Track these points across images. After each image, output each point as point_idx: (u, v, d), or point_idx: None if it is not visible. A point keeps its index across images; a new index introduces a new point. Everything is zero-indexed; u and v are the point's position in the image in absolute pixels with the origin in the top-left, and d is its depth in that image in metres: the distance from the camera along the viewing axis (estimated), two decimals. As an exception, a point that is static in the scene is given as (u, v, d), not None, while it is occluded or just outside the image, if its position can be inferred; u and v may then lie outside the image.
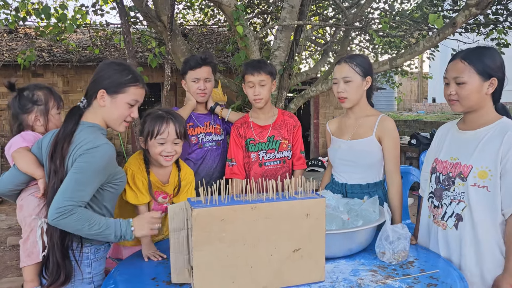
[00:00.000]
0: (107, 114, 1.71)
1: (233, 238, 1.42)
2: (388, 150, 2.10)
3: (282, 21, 4.75)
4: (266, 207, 1.45)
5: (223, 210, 1.40)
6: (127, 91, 1.70)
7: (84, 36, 8.79)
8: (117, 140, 8.65)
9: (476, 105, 1.69)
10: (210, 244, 1.40)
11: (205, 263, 1.40)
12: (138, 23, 5.85)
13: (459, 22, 3.86)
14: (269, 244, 1.47)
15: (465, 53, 1.70)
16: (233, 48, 6.15)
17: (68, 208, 1.49)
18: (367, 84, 2.14)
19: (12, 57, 7.53)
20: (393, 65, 4.57)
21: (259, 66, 2.35)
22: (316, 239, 1.53)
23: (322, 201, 1.53)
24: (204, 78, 2.50)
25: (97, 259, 1.73)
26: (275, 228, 1.47)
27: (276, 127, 2.44)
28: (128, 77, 1.70)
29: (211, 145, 2.59)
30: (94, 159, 1.57)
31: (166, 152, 1.92)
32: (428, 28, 6.38)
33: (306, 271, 1.53)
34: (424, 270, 1.63)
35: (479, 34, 6.20)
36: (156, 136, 1.90)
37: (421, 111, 16.10)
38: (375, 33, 5.17)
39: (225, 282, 1.43)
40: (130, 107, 1.72)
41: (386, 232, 1.72)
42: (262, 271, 1.47)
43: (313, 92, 5.04)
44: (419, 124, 11.38)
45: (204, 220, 1.38)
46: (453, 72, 1.70)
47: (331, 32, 7.75)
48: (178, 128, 1.94)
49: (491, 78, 1.65)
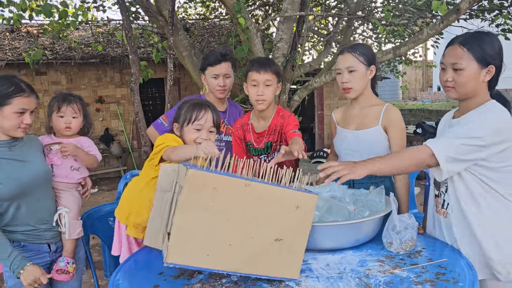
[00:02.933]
0: (1, 125, 1.82)
1: (220, 210, 1.37)
2: (395, 139, 2.08)
3: (284, 12, 4.71)
4: (260, 187, 1.42)
5: (218, 178, 1.36)
6: (11, 102, 1.79)
7: (86, 33, 8.80)
8: (122, 136, 8.68)
9: (471, 92, 1.66)
10: (195, 210, 1.34)
11: (185, 229, 1.35)
12: (140, 18, 5.84)
13: (463, 8, 3.81)
14: (253, 226, 1.43)
15: (464, 38, 1.66)
16: (236, 41, 6.13)
17: None
18: (371, 73, 2.12)
19: (15, 56, 7.55)
20: (396, 54, 4.53)
21: (266, 63, 2.21)
22: (300, 234, 1.50)
23: (314, 197, 1.50)
24: (224, 74, 2.46)
25: None
26: (263, 211, 1.43)
27: (271, 132, 2.33)
28: (11, 89, 1.79)
29: (219, 145, 2.54)
30: None
31: (201, 139, 1.92)
32: (432, 16, 6.31)
33: (282, 265, 1.49)
34: (432, 259, 1.62)
35: (484, 20, 6.13)
36: (194, 122, 1.92)
37: (426, 99, 16.02)
38: (378, 22, 5.13)
39: (199, 253, 1.38)
40: (19, 115, 1.81)
41: (393, 222, 1.71)
42: (239, 252, 1.42)
43: (317, 83, 5.01)
44: (424, 113, 11.33)
45: (197, 183, 1.33)
46: (451, 57, 1.66)
47: (333, 22, 7.68)
48: (215, 117, 1.97)
49: (489, 66, 1.62)
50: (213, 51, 2.52)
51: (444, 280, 1.44)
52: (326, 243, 1.71)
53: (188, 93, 8.71)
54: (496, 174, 1.63)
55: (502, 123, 1.58)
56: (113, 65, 8.22)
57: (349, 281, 1.47)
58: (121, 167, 8.50)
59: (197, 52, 5.18)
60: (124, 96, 8.64)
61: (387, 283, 1.43)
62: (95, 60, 7.86)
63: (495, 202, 1.65)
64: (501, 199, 1.65)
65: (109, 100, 8.59)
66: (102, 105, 8.54)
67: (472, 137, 1.56)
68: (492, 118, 1.59)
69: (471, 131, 1.57)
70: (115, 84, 8.59)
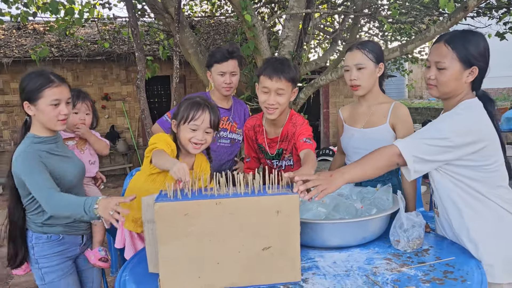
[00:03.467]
0: (39, 120, 1.83)
1: (200, 233, 1.39)
2: (403, 137, 2.05)
3: (290, 10, 4.70)
4: (231, 202, 1.40)
5: (186, 204, 1.38)
6: (44, 95, 1.78)
7: (92, 31, 8.82)
8: (127, 134, 8.70)
9: (452, 92, 1.65)
10: (176, 239, 1.38)
11: (171, 257, 1.39)
12: (146, 15, 5.84)
13: (471, 5, 3.78)
14: (236, 241, 1.42)
15: (450, 37, 1.64)
16: (241, 39, 6.12)
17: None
18: (379, 71, 2.10)
19: (22, 53, 7.59)
20: (403, 51, 4.50)
21: (280, 69, 1.97)
22: (289, 237, 1.45)
23: (295, 197, 1.44)
24: (230, 71, 2.44)
25: (39, 245, 1.89)
26: (242, 224, 1.41)
27: (283, 139, 2.23)
28: (40, 82, 1.78)
29: (224, 142, 2.54)
30: (20, 165, 1.75)
31: (196, 139, 1.91)
32: (439, 13, 6.27)
33: (279, 270, 1.47)
34: (439, 257, 1.61)
35: (491, 18, 6.08)
36: (190, 122, 1.89)
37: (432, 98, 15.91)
38: (384, 20, 5.10)
39: (191, 277, 1.41)
40: (55, 107, 1.80)
41: (400, 220, 1.70)
42: (230, 268, 1.43)
43: (323, 81, 4.99)
44: (430, 111, 11.27)
45: (168, 214, 1.37)
46: (435, 56, 1.65)
47: (339, 20, 7.65)
48: (212, 118, 1.92)
49: (472, 67, 1.60)
50: (220, 48, 2.50)
51: (452, 279, 1.43)
52: (333, 240, 1.70)
53: (194, 90, 8.72)
54: (477, 173, 1.61)
55: (471, 124, 1.56)
56: (119, 63, 8.24)
57: (356, 279, 1.47)
58: (126, 165, 8.53)
59: (202, 50, 5.18)
60: (130, 93, 8.66)
61: (395, 281, 1.43)
62: (101, 57, 7.88)
63: (474, 202, 1.64)
64: (481, 198, 1.63)
65: (115, 97, 8.61)
66: (108, 102, 8.56)
67: (439, 138, 1.55)
68: (461, 119, 1.58)
69: (438, 132, 1.57)
70: (121, 81, 8.61)
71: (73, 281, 1.98)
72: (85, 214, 1.63)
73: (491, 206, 1.63)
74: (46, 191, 1.69)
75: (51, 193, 1.69)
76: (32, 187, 1.72)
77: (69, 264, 1.97)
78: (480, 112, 1.61)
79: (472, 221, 1.65)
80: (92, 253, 2.08)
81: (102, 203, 1.61)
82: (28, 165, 1.74)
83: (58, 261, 1.92)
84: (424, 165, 1.59)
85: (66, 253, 1.96)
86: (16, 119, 8.08)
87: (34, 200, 1.83)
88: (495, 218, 1.63)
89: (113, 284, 3.15)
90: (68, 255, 1.96)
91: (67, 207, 1.67)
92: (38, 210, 1.86)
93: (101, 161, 8.43)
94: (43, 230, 1.89)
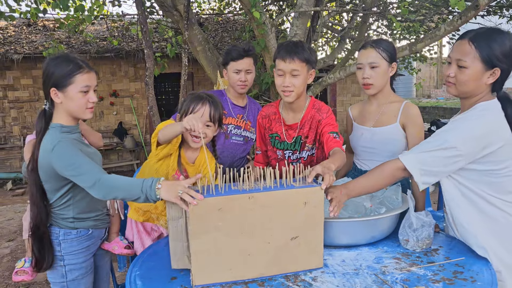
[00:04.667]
0: (67, 108, 1.76)
1: (230, 227, 1.43)
2: (413, 137, 2.05)
3: (298, 8, 4.69)
4: (263, 196, 1.45)
5: (221, 200, 1.41)
6: (74, 81, 1.72)
7: (101, 27, 8.86)
8: (135, 130, 8.74)
9: (470, 92, 1.61)
10: (207, 233, 1.41)
11: (203, 251, 1.42)
12: (155, 13, 5.85)
13: (482, 4, 3.75)
14: (266, 232, 1.47)
15: (475, 34, 1.58)
16: (249, 36, 6.12)
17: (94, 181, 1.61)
18: (392, 70, 2.08)
19: (32, 49, 7.65)
20: (412, 50, 4.48)
21: (293, 51, 1.93)
22: (314, 227, 1.53)
23: (320, 189, 1.51)
24: (246, 69, 2.49)
25: (67, 241, 1.83)
26: (272, 216, 1.47)
27: (303, 125, 2.12)
28: (70, 67, 1.71)
29: (237, 139, 2.57)
30: (59, 154, 1.66)
31: (196, 132, 1.90)
32: (449, 12, 6.22)
33: (304, 258, 1.53)
34: (449, 257, 1.61)
35: (502, 17, 6.03)
36: (190, 113, 1.92)
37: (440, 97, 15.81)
38: (394, 18, 5.07)
39: (222, 270, 1.46)
40: (84, 94, 1.75)
41: (410, 220, 1.70)
42: (260, 259, 1.48)
43: (331, 80, 4.98)
44: (438, 111, 11.21)
45: (201, 210, 1.40)
46: (457, 53, 1.60)
47: (348, 18, 7.62)
48: (213, 112, 1.94)
49: (494, 68, 1.55)
50: (236, 47, 2.54)
51: (462, 279, 1.43)
52: (342, 239, 1.71)
53: (202, 87, 8.74)
54: (487, 178, 1.58)
55: (481, 129, 1.53)
56: (128, 59, 8.27)
57: (366, 277, 1.47)
58: (134, 161, 8.57)
59: (211, 47, 5.19)
60: (138, 90, 8.70)
61: (404, 281, 1.43)
62: (110, 54, 7.91)
63: (483, 207, 1.61)
64: (490, 203, 1.60)
65: (123, 94, 8.65)
66: (116, 99, 8.60)
67: (446, 148, 1.52)
68: (470, 125, 1.54)
69: (445, 141, 1.53)
70: (129, 78, 8.65)
71: (92, 280, 1.96)
72: (142, 194, 1.54)
73: (500, 213, 1.60)
74: (97, 175, 1.62)
75: (103, 175, 1.62)
76: (79, 173, 1.63)
77: (91, 262, 1.94)
78: (495, 114, 1.57)
79: (480, 227, 1.63)
80: (115, 243, 2.07)
81: (167, 184, 1.51)
82: (70, 152, 1.67)
83: (84, 258, 1.88)
84: (432, 177, 1.58)
85: (92, 248, 1.92)
86: (26, 115, 8.15)
87: (65, 194, 1.78)
88: (504, 225, 1.60)
89: (121, 279, 3.18)
90: (92, 250, 1.93)
91: (121, 188, 1.59)
92: (67, 204, 1.81)
93: (109, 158, 8.50)
94: (74, 226, 1.84)
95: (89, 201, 1.86)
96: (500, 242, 1.60)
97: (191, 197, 1.40)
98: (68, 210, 1.82)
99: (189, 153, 2.03)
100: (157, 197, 1.52)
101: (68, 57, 1.76)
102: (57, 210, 1.82)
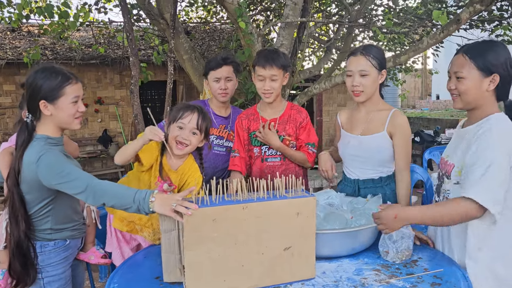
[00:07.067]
0: (56, 120, 1.76)
1: (224, 237, 1.44)
2: (399, 147, 2.04)
3: (285, 18, 4.73)
4: (257, 206, 1.46)
5: (215, 210, 1.42)
6: (65, 93, 1.73)
7: (87, 34, 8.80)
8: (120, 138, 8.67)
9: (474, 101, 1.65)
10: (202, 244, 1.41)
11: (196, 262, 1.42)
12: (141, 20, 5.84)
13: (464, 18, 3.83)
14: (260, 243, 1.48)
15: (468, 47, 1.66)
16: (236, 45, 6.14)
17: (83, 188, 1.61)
18: (382, 78, 2.07)
19: (16, 55, 7.54)
20: (396, 62, 4.54)
21: (271, 59, 2.21)
22: (307, 237, 1.55)
23: (312, 199, 1.53)
24: (225, 77, 2.50)
25: (45, 253, 1.80)
26: (266, 227, 1.48)
27: (282, 122, 2.34)
28: (59, 79, 1.72)
29: (219, 150, 2.56)
30: (46, 165, 1.64)
31: (181, 138, 1.94)
32: (432, 25, 6.34)
33: (297, 268, 1.55)
34: (427, 269, 1.62)
35: (484, 31, 6.16)
36: (178, 120, 1.95)
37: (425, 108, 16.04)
38: (378, 30, 5.14)
39: (216, 281, 1.45)
40: (74, 104, 1.76)
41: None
42: (254, 269, 1.49)
43: (316, 90, 5.02)
44: (423, 121, 11.35)
45: (196, 221, 1.40)
46: (454, 66, 1.68)
47: (334, 29, 7.70)
48: (200, 121, 1.97)
49: (492, 75, 1.60)
50: (215, 57, 2.59)
51: (440, 291, 1.44)
52: (323, 250, 1.70)
53: (188, 96, 8.71)
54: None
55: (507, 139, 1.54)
56: (113, 67, 8.21)
57: (345, 289, 1.47)
58: (118, 169, 8.48)
59: (197, 56, 5.19)
60: (123, 97, 8.63)
61: (383, 293, 1.43)
62: (95, 61, 7.85)
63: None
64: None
65: (108, 101, 8.58)
66: (101, 106, 8.52)
67: (499, 164, 1.49)
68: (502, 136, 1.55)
69: (494, 159, 1.50)
70: (114, 85, 8.58)
71: None
72: (134, 205, 1.55)
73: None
74: (88, 180, 1.62)
75: (95, 182, 1.62)
76: (69, 180, 1.62)
77: (70, 272, 1.91)
78: (508, 123, 1.60)
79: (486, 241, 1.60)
80: (91, 253, 2.05)
81: (160, 198, 1.51)
82: (57, 161, 1.66)
83: (63, 269, 1.85)
84: (501, 199, 1.51)
85: (70, 258, 1.89)
86: (8, 121, 8.01)
87: (45, 205, 1.76)
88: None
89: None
90: (70, 260, 1.90)
91: (113, 195, 1.60)
92: (46, 215, 1.78)
93: (93, 165, 8.40)
94: (50, 237, 1.81)
95: (67, 211, 1.84)
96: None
97: (185, 208, 1.40)
98: (46, 222, 1.79)
99: (171, 162, 2.02)
100: (150, 210, 1.52)
101: (55, 68, 1.75)
102: (34, 221, 1.78)
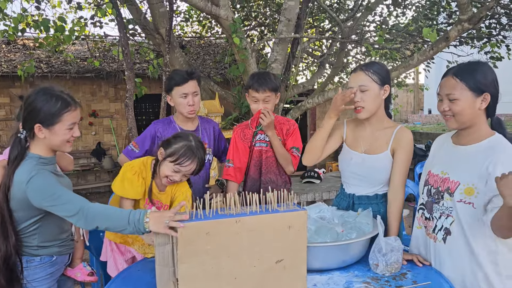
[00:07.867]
0: (49, 143, 1.75)
1: (218, 250, 1.46)
2: (399, 162, 2.01)
3: (279, 34, 4.81)
4: (250, 220, 1.49)
5: (209, 224, 1.45)
6: (62, 120, 1.72)
7: (82, 48, 8.85)
8: (114, 151, 8.66)
9: (469, 120, 1.69)
10: (195, 257, 1.44)
11: (190, 275, 1.44)
12: (137, 35, 5.90)
13: (452, 36, 3.93)
14: (252, 256, 1.51)
15: (457, 69, 1.71)
16: (231, 60, 6.21)
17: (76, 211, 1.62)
18: (385, 93, 2.03)
19: (11, 68, 7.57)
20: (388, 77, 4.62)
21: (264, 82, 2.33)
22: (298, 250, 1.58)
23: (304, 213, 1.56)
24: (192, 92, 2.41)
25: (30, 268, 1.79)
26: (258, 240, 1.51)
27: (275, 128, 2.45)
28: (58, 105, 1.71)
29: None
30: (37, 186, 1.65)
31: (173, 179, 1.97)
32: (423, 41, 6.46)
33: (289, 281, 1.57)
34: (416, 281, 1.65)
35: (473, 47, 6.29)
36: (176, 164, 1.93)
37: (417, 122, 16.17)
38: (370, 47, 5.24)
39: None
40: (70, 130, 1.76)
41: (379, 245, 1.74)
42: (246, 282, 1.51)
43: (310, 104, 5.09)
44: (415, 135, 11.44)
45: (190, 234, 1.42)
46: (445, 88, 1.71)
47: (327, 44, 7.82)
48: (197, 168, 1.99)
49: (483, 94, 1.65)
50: (177, 71, 2.50)
51: (428, 303, 1.47)
52: (314, 263, 1.72)
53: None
54: None
55: None
56: (108, 80, 8.26)
57: (335, 302, 1.49)
58: (112, 182, 8.45)
59: (192, 70, 5.24)
60: (117, 110, 8.66)
61: (372, 305, 1.46)
62: (91, 74, 7.89)
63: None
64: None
65: (103, 114, 8.60)
66: (96, 119, 8.55)
67: None
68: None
69: None
70: (109, 98, 8.62)
71: None
72: (129, 226, 1.57)
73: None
74: (81, 203, 1.62)
75: (87, 204, 1.62)
76: (60, 203, 1.63)
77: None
78: None
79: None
80: (78, 270, 2.04)
81: (154, 217, 1.54)
82: (48, 183, 1.66)
83: (48, 285, 1.83)
84: None
85: (56, 274, 1.88)
86: (1, 134, 8.00)
87: (34, 223, 1.76)
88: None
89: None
90: (56, 276, 1.89)
91: (106, 218, 1.61)
92: (33, 233, 1.78)
93: (86, 178, 8.37)
94: (37, 253, 1.80)
95: (54, 229, 1.84)
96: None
97: (178, 222, 1.43)
98: (33, 239, 1.79)
99: (159, 182, 2.06)
100: (146, 230, 1.56)
101: (55, 92, 1.74)
102: (21, 237, 1.77)
